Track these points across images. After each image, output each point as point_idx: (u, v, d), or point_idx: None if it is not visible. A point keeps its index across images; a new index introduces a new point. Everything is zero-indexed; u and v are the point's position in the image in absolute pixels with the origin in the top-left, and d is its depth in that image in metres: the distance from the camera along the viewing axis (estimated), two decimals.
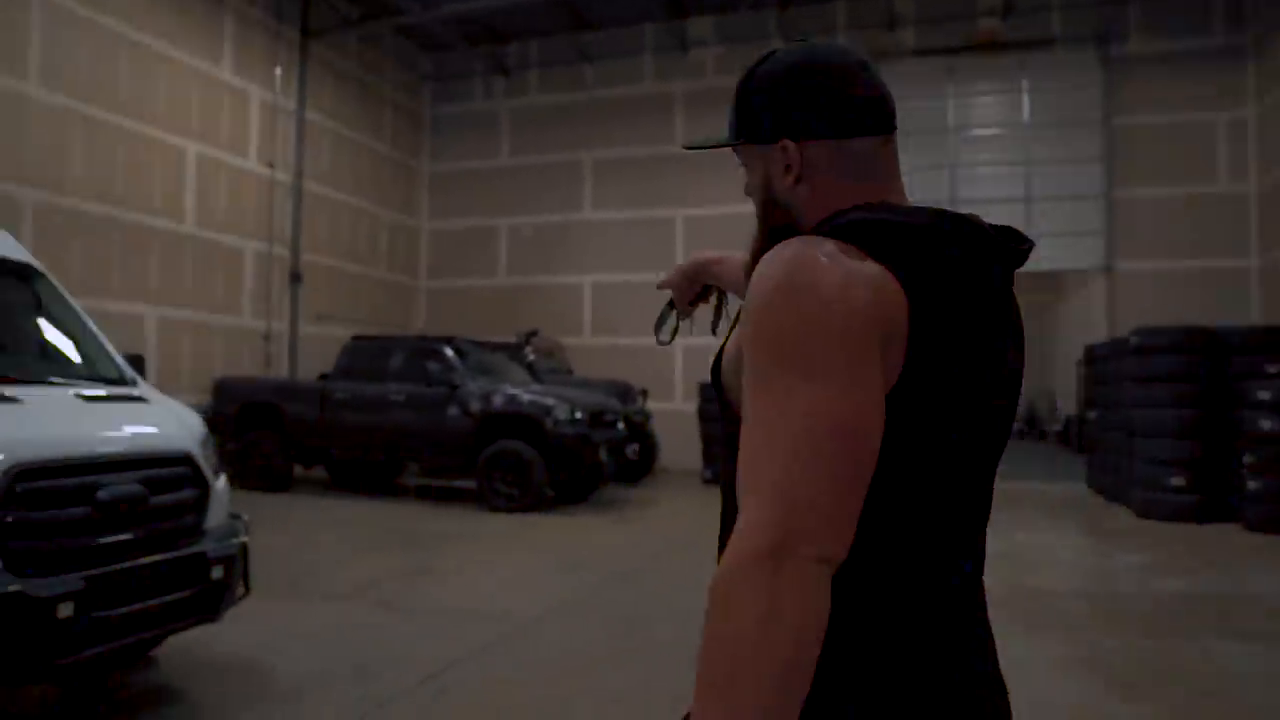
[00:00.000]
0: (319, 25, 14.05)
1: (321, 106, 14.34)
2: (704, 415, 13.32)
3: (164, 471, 3.69)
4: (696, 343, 15.89)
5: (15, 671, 3.02)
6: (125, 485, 3.47)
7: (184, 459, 3.82)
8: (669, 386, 15.52)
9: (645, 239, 15.93)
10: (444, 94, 17.48)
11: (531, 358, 12.65)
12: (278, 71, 13.33)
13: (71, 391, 3.83)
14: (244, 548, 4.01)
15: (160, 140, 11.34)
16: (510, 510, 9.80)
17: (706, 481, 13.15)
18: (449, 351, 10.68)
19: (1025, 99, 14.48)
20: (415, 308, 17.02)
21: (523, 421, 10.06)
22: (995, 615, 1.13)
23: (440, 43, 16.69)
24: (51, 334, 4.55)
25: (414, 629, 5.24)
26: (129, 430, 3.75)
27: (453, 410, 10.29)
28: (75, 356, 4.45)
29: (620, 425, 10.99)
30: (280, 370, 13.36)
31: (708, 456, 13.32)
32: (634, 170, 16.10)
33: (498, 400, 10.17)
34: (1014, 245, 1.07)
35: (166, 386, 11.27)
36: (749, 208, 1.22)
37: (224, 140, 12.38)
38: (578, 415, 10.03)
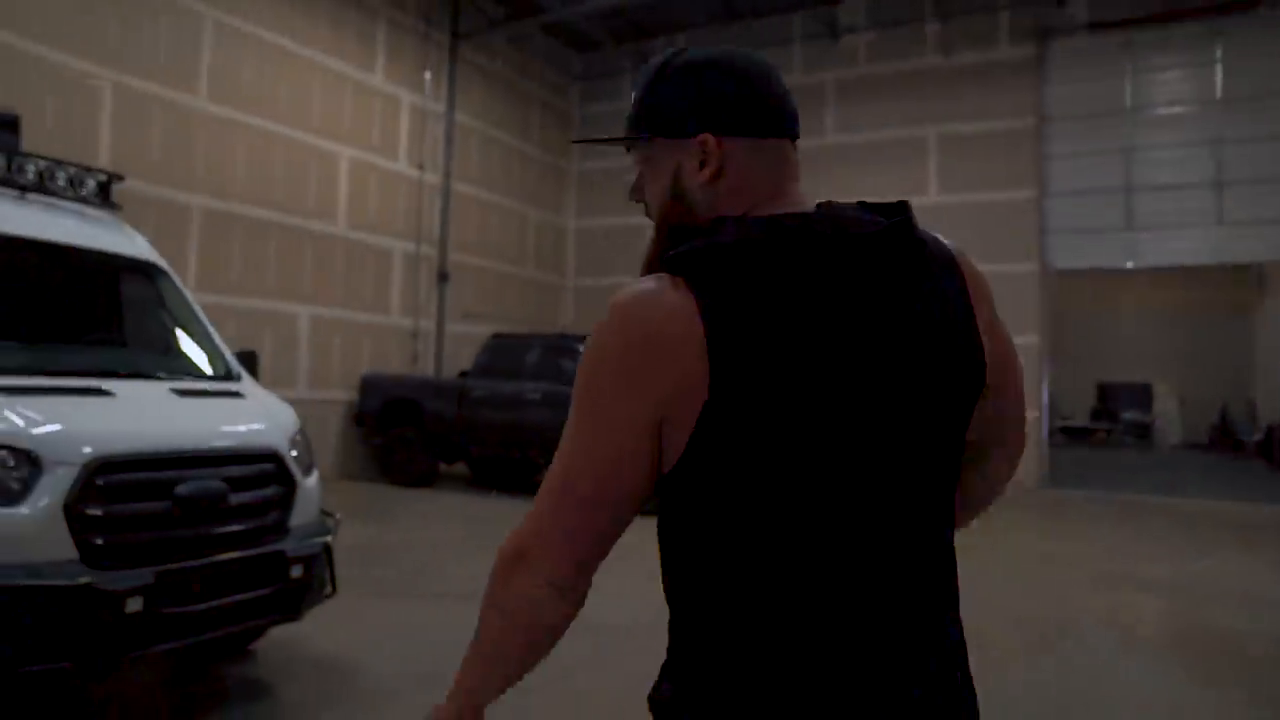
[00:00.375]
0: (468, 28, 14.37)
1: (470, 108, 14.67)
2: None
3: (247, 468, 3.68)
4: None
5: (83, 664, 3.04)
6: (206, 481, 3.47)
7: (269, 456, 3.81)
8: None
9: None
10: (593, 93, 17.55)
11: None
12: (427, 75, 13.72)
13: (167, 386, 3.89)
14: (328, 547, 3.97)
15: (316, 146, 11.87)
16: (643, 514, 9.60)
17: None
18: (583, 349, 10.61)
19: (1218, 70, 13.00)
20: (562, 306, 17.19)
21: None
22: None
23: (589, 41, 16.77)
24: (167, 330, 4.69)
25: None
26: (215, 426, 3.77)
27: None
28: (188, 352, 4.56)
29: None
30: (428, 368, 13.75)
31: None
32: None
33: None
34: (885, 227, 1.00)
35: (318, 383, 11.80)
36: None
37: (375, 144, 12.84)
38: None
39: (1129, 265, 13.72)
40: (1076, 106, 13.62)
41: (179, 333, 4.66)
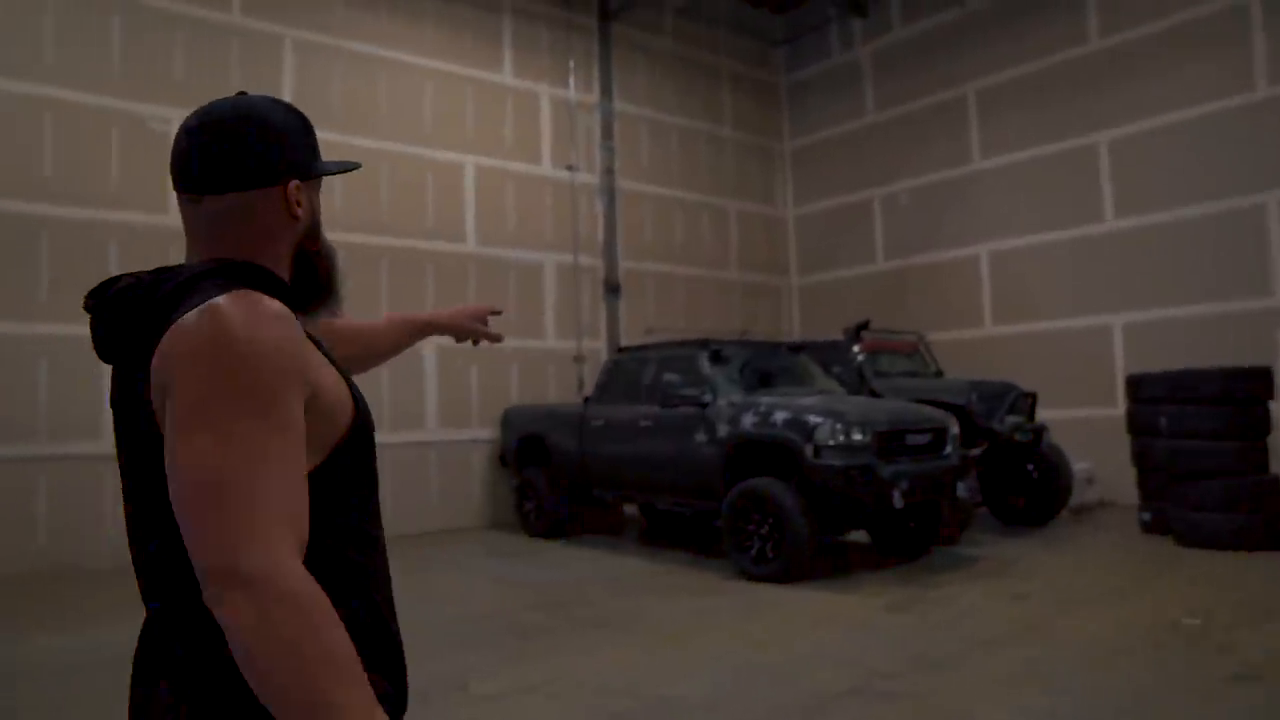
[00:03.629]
0: (618, 5, 12.53)
1: (634, 95, 12.80)
2: (1136, 424, 8.77)
3: None
4: (1136, 319, 11.00)
5: None
6: None
7: None
8: (1108, 384, 10.92)
9: (1057, 181, 11.57)
10: (797, 56, 14.85)
11: (861, 358, 9.47)
12: (571, 65, 12.08)
13: None
14: None
15: (430, 158, 10.69)
16: (760, 578, 6.96)
17: (1146, 527, 8.60)
18: (703, 360, 8.18)
19: None
20: (783, 309, 14.57)
21: (775, 449, 7.17)
22: None
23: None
24: None
25: None
26: None
27: (699, 436, 7.77)
28: None
29: (950, 448, 7.45)
30: None
31: (1144, 488, 8.74)
32: (1033, 92, 11.81)
33: (748, 420, 7.40)
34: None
35: (452, 421, 10.52)
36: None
37: (508, 148, 11.42)
38: (856, 437, 6.84)
39: None
40: None
41: None
